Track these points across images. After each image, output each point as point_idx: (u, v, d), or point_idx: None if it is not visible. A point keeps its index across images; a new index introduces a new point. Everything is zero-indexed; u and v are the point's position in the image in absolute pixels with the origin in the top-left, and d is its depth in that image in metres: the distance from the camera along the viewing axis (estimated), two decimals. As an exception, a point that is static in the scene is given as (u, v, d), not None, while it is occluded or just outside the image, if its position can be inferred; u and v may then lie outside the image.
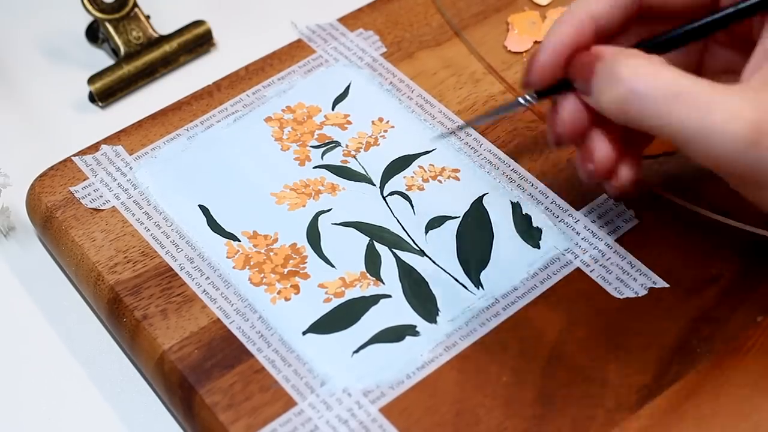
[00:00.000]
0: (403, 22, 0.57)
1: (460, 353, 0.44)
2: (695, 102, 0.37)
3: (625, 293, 0.46)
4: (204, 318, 0.45)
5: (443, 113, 0.52)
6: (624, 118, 0.39)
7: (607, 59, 0.40)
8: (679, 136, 0.38)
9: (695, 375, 0.43)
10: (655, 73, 0.38)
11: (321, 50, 0.56)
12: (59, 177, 0.51)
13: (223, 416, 0.42)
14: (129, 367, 0.47)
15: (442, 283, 0.46)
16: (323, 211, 0.49)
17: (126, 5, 0.57)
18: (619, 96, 0.39)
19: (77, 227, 0.49)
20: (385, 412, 0.43)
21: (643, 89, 0.38)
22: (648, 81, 0.38)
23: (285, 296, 0.46)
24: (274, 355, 0.44)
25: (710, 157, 0.38)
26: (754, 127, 0.37)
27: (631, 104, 0.38)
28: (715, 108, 0.37)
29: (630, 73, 0.39)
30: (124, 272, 0.47)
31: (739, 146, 0.37)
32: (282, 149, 0.51)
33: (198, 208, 0.49)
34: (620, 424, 0.42)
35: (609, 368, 0.43)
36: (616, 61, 0.39)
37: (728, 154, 0.37)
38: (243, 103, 0.53)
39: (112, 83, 0.56)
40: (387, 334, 0.45)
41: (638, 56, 0.39)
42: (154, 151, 0.52)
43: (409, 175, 0.50)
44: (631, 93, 0.38)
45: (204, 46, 0.59)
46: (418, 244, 0.48)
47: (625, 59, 0.39)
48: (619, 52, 0.40)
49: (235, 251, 0.48)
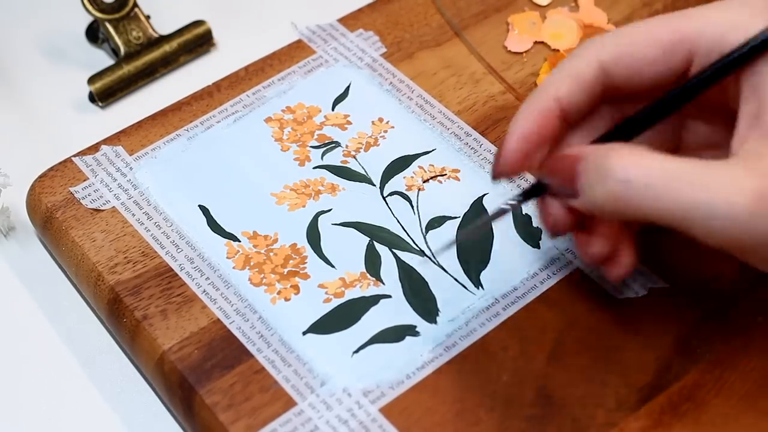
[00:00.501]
0: (403, 23, 0.57)
1: (460, 353, 0.44)
2: (692, 182, 0.37)
3: (625, 293, 0.46)
4: (204, 318, 0.45)
5: (443, 113, 0.53)
6: (622, 211, 0.38)
7: (593, 158, 0.39)
8: (681, 218, 0.37)
9: (695, 375, 0.43)
10: (644, 161, 0.38)
11: (321, 51, 0.56)
12: (59, 177, 0.51)
13: (223, 416, 0.42)
14: (129, 367, 0.47)
15: (442, 283, 0.46)
16: (323, 212, 0.49)
17: (126, 5, 0.57)
18: (614, 190, 0.38)
19: (77, 227, 0.49)
20: (385, 412, 0.43)
21: (637, 178, 0.37)
22: (640, 169, 0.37)
23: (285, 296, 0.46)
24: (274, 355, 0.44)
25: (715, 233, 0.37)
26: (755, 195, 0.36)
27: (628, 196, 0.38)
28: (713, 184, 0.37)
29: (620, 165, 0.38)
30: (124, 272, 0.47)
31: (744, 218, 0.36)
32: (282, 149, 0.52)
33: (198, 208, 0.49)
34: (620, 424, 0.42)
35: (609, 368, 0.43)
36: (601, 156, 0.38)
37: (733, 227, 0.37)
38: (243, 103, 0.53)
39: (112, 83, 0.56)
40: (387, 334, 0.45)
41: (622, 147, 0.39)
42: (154, 151, 0.52)
43: (409, 176, 0.50)
44: (625, 184, 0.37)
45: (204, 46, 0.59)
46: (417, 244, 0.48)
47: (610, 152, 0.38)
48: (602, 149, 0.39)
49: (235, 251, 0.48)
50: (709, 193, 0.36)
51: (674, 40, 0.39)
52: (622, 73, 0.40)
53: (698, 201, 0.37)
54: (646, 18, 0.56)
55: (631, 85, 0.41)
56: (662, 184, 0.37)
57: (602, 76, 0.40)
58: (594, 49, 0.40)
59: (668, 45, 0.39)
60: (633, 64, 0.40)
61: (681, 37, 0.39)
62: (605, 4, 0.57)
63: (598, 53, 0.40)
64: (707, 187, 0.37)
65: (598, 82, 0.40)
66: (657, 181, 0.37)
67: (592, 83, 0.40)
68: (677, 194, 0.37)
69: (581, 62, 0.40)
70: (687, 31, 0.39)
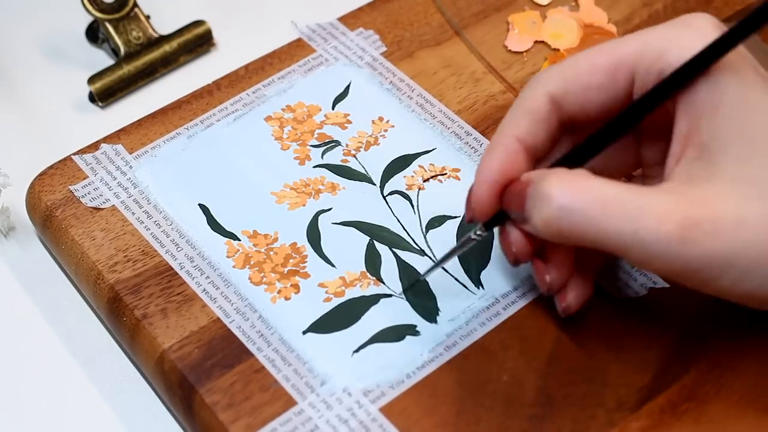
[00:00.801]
0: (403, 22, 0.57)
1: (460, 353, 0.44)
2: (623, 209, 0.38)
3: (625, 293, 0.46)
4: (204, 317, 0.45)
5: (443, 113, 0.52)
6: (558, 236, 0.39)
7: (536, 182, 0.40)
8: (613, 245, 0.38)
9: (695, 375, 0.43)
10: (580, 187, 0.38)
11: (321, 49, 0.56)
12: (59, 176, 0.51)
13: (223, 416, 0.42)
14: (129, 367, 0.47)
15: (442, 283, 0.46)
16: (323, 211, 0.49)
17: (126, 5, 0.57)
18: (550, 215, 0.39)
19: (77, 226, 0.49)
20: (385, 411, 0.42)
21: (571, 204, 0.38)
22: (574, 195, 0.38)
23: (285, 296, 0.46)
24: (274, 354, 0.44)
25: (645, 259, 0.38)
26: (683, 224, 0.37)
27: (562, 221, 0.38)
28: (641, 214, 0.37)
29: (556, 190, 0.38)
30: (123, 271, 0.47)
31: (672, 246, 0.37)
32: (282, 148, 0.51)
33: (198, 207, 0.49)
34: (620, 424, 0.42)
35: (609, 368, 0.43)
36: (541, 181, 0.39)
37: (662, 255, 0.38)
38: (243, 102, 0.53)
39: (112, 83, 0.56)
40: (387, 334, 0.45)
41: (561, 173, 0.39)
42: (154, 150, 0.52)
43: (410, 175, 0.50)
44: (560, 210, 0.38)
45: (204, 46, 0.59)
46: (418, 244, 0.48)
47: (548, 178, 0.39)
48: (541, 174, 0.40)
49: (235, 250, 0.48)
50: (639, 222, 0.37)
51: (615, 64, 0.40)
52: (572, 103, 0.41)
53: (630, 229, 0.38)
54: (645, 18, 0.57)
55: (583, 113, 0.41)
56: (597, 211, 0.38)
57: (555, 109, 0.41)
58: (542, 83, 0.41)
59: (610, 70, 0.40)
60: (580, 92, 0.41)
61: (621, 60, 0.40)
62: (605, 3, 0.57)
63: (546, 87, 0.41)
64: (638, 216, 0.37)
65: (552, 115, 0.41)
66: (590, 208, 0.38)
67: (547, 117, 0.41)
68: (610, 222, 0.38)
69: (532, 99, 0.41)
70: (627, 54, 0.40)
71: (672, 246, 0.37)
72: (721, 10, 0.57)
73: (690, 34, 0.39)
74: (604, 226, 0.38)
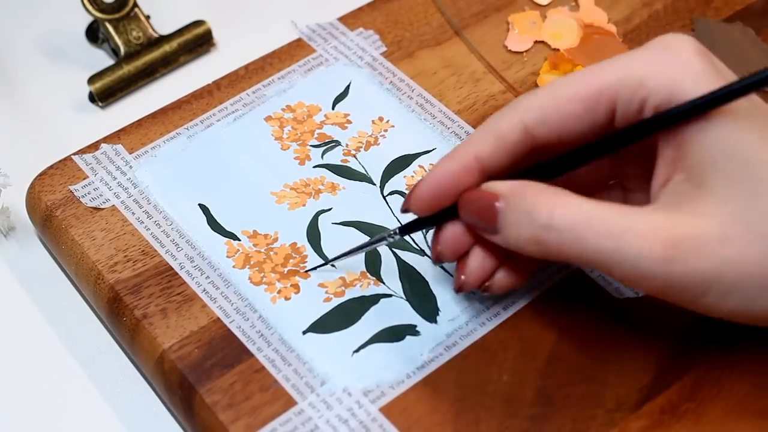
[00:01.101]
0: (403, 22, 0.57)
1: (460, 353, 0.44)
2: (607, 229, 0.38)
3: (625, 293, 0.46)
4: (204, 317, 0.45)
5: (443, 113, 0.52)
6: (540, 253, 0.39)
7: (512, 197, 0.40)
8: (596, 262, 0.38)
9: (695, 375, 0.43)
10: (565, 205, 0.39)
11: (321, 49, 0.56)
12: (59, 176, 0.51)
13: (223, 416, 0.42)
14: (129, 367, 0.47)
15: (442, 283, 0.46)
16: (323, 211, 0.49)
17: (126, 5, 0.57)
18: (535, 232, 0.39)
19: (77, 226, 0.49)
20: (385, 411, 0.42)
21: (558, 223, 0.38)
22: (561, 213, 0.38)
23: (285, 295, 0.46)
24: (274, 354, 0.44)
25: (628, 277, 0.39)
26: (667, 244, 0.37)
27: (549, 239, 0.39)
28: (626, 233, 0.38)
29: (542, 210, 0.39)
30: (123, 271, 0.47)
31: (655, 265, 0.37)
32: (282, 148, 0.51)
33: (198, 207, 0.49)
34: (620, 424, 0.42)
35: (609, 368, 0.43)
36: (524, 198, 0.39)
37: (645, 274, 0.38)
38: (243, 102, 0.53)
39: (112, 83, 0.56)
40: (387, 334, 0.45)
41: (543, 190, 0.40)
42: (154, 149, 0.52)
43: (410, 175, 0.50)
44: (546, 229, 0.38)
45: (204, 46, 0.59)
46: (418, 244, 0.48)
47: (532, 195, 0.39)
48: (521, 188, 0.40)
49: (235, 250, 0.48)
50: (624, 240, 0.38)
51: (596, 94, 0.40)
52: (548, 132, 0.41)
53: (612, 249, 0.38)
54: (645, 18, 0.57)
55: (558, 140, 0.41)
56: (581, 229, 0.38)
57: (527, 138, 0.41)
58: (519, 111, 0.41)
59: (591, 100, 0.40)
60: (557, 123, 0.41)
61: (602, 90, 0.40)
62: (605, 3, 0.57)
63: (522, 116, 0.41)
64: (621, 236, 0.38)
65: (522, 144, 0.41)
66: (576, 226, 0.38)
67: (516, 145, 0.41)
68: (594, 241, 0.38)
69: (506, 125, 0.41)
70: (607, 83, 0.40)
71: (656, 265, 0.37)
72: (720, 11, 0.57)
73: (670, 60, 0.39)
74: (589, 245, 0.38)
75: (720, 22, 0.56)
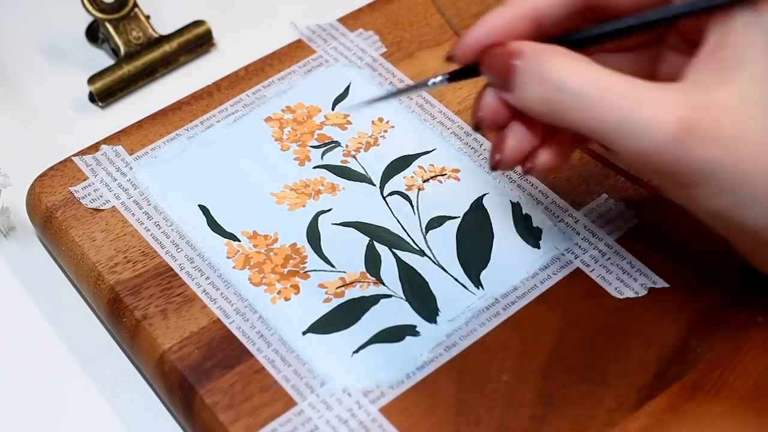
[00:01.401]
0: (403, 22, 0.57)
1: (460, 353, 0.44)
2: (622, 99, 0.37)
3: (625, 293, 0.46)
4: (204, 318, 0.45)
5: (443, 113, 0.53)
6: (550, 116, 0.38)
7: (531, 57, 0.38)
8: (605, 133, 0.37)
9: (695, 375, 0.43)
10: (582, 71, 0.38)
11: (321, 50, 0.56)
12: (59, 177, 0.51)
13: (223, 416, 0.42)
14: (129, 367, 0.47)
15: (442, 283, 0.46)
16: (323, 211, 0.49)
17: (126, 5, 0.57)
18: (546, 94, 0.38)
19: (77, 227, 0.49)
20: (385, 412, 0.43)
21: (571, 87, 0.37)
22: (576, 78, 0.37)
23: (285, 296, 0.46)
24: (274, 355, 0.44)
25: (634, 153, 0.37)
26: (679, 124, 0.36)
27: (558, 102, 0.38)
28: (641, 105, 0.36)
29: (557, 71, 0.38)
30: (124, 272, 0.47)
31: (664, 143, 0.36)
32: (282, 149, 0.52)
33: (198, 208, 0.49)
34: (620, 424, 0.42)
35: (609, 368, 0.43)
36: (541, 59, 0.38)
37: (652, 150, 0.37)
38: (243, 103, 0.53)
39: (112, 83, 0.56)
40: (387, 334, 0.45)
41: (564, 54, 0.38)
42: (154, 151, 0.52)
43: (409, 175, 0.50)
44: (559, 91, 0.37)
45: (204, 46, 0.59)
46: (418, 244, 0.48)
47: (550, 57, 0.38)
48: (542, 50, 0.39)
49: (235, 251, 0.48)
50: (635, 113, 0.36)
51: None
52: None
53: (624, 119, 0.36)
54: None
55: (613, 4, 0.40)
56: (594, 96, 0.37)
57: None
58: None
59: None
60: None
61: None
62: (605, 3, 0.57)
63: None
64: (635, 108, 0.36)
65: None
66: (589, 92, 0.37)
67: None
68: (606, 109, 0.37)
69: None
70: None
71: (663, 143, 0.36)
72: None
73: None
74: (601, 112, 0.37)
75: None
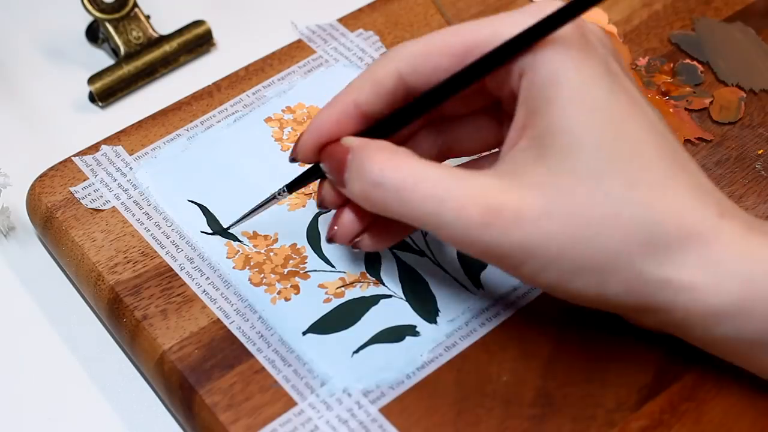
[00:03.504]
0: (403, 23, 0.57)
1: (460, 353, 0.44)
2: (432, 191, 0.39)
3: (625, 293, 0.46)
4: (204, 318, 0.45)
5: (443, 113, 0.52)
6: (371, 208, 0.41)
7: (358, 152, 0.41)
8: (421, 223, 0.40)
9: (695, 375, 0.43)
10: (396, 165, 0.40)
11: (321, 50, 0.56)
12: (59, 177, 0.51)
13: (223, 416, 0.42)
14: (129, 367, 0.47)
15: (442, 284, 0.46)
16: (323, 212, 0.49)
17: (126, 5, 0.57)
18: (364, 187, 0.40)
19: (77, 227, 0.49)
20: (385, 412, 0.43)
21: (387, 182, 0.39)
22: (392, 174, 0.39)
23: (285, 296, 0.46)
24: (274, 355, 0.44)
25: (451, 240, 0.40)
26: (484, 210, 0.38)
27: (375, 195, 0.40)
28: (448, 197, 0.38)
29: (373, 165, 0.40)
30: (124, 272, 0.47)
31: (473, 230, 0.38)
32: (282, 149, 0.52)
33: (198, 208, 0.49)
34: (620, 424, 0.42)
35: (609, 368, 0.44)
36: (361, 153, 0.41)
37: (464, 237, 0.39)
38: (243, 103, 0.53)
39: (112, 83, 0.56)
40: (387, 335, 0.45)
41: (382, 148, 0.41)
42: (154, 151, 0.52)
43: (409, 175, 0.50)
44: (373, 185, 0.40)
45: (204, 46, 0.59)
46: (418, 244, 0.48)
47: (369, 152, 0.40)
48: (365, 145, 0.41)
49: (235, 251, 0.48)
50: (444, 204, 0.39)
51: (466, 48, 0.40)
52: (419, 81, 0.42)
53: (434, 210, 0.39)
54: (645, 18, 0.57)
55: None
56: (408, 190, 0.39)
57: (401, 85, 0.42)
58: (395, 59, 0.42)
59: (460, 54, 0.41)
60: (428, 73, 0.41)
61: (472, 45, 0.40)
62: (605, 3, 0.57)
63: (397, 64, 0.42)
64: (444, 198, 0.39)
65: (397, 90, 0.42)
66: (404, 186, 0.39)
67: (391, 91, 0.42)
68: (417, 201, 0.39)
69: (382, 71, 0.42)
70: (478, 40, 0.40)
71: (472, 230, 0.38)
72: (720, 11, 0.57)
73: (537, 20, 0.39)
74: (413, 204, 0.39)
75: (720, 22, 0.56)
